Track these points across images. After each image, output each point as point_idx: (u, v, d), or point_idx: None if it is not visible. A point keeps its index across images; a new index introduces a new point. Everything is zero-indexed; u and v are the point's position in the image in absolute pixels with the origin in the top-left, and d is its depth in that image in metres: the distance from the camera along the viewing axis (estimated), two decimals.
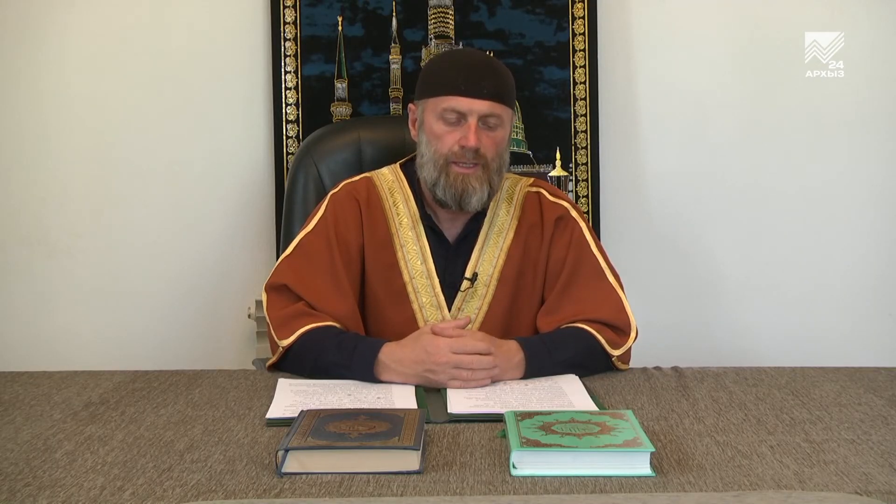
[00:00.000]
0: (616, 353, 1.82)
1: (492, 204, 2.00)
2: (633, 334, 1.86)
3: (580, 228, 1.99)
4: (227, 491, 1.18)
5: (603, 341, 1.81)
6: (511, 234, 1.99)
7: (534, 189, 2.04)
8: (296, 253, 1.94)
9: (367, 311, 1.96)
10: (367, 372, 1.70)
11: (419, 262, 1.96)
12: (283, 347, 1.80)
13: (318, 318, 1.82)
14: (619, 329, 1.85)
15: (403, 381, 1.69)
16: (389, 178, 2.03)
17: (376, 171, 2.07)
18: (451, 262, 1.97)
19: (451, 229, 1.99)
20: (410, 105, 2.01)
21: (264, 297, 1.90)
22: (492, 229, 1.99)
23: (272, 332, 1.84)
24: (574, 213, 2.01)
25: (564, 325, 1.86)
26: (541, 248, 1.98)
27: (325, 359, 1.75)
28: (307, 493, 1.17)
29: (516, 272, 1.97)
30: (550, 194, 2.03)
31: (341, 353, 1.73)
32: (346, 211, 1.97)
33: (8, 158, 2.76)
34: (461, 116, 1.88)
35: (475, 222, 1.99)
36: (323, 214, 1.97)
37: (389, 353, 1.71)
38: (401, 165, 2.05)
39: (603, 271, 1.95)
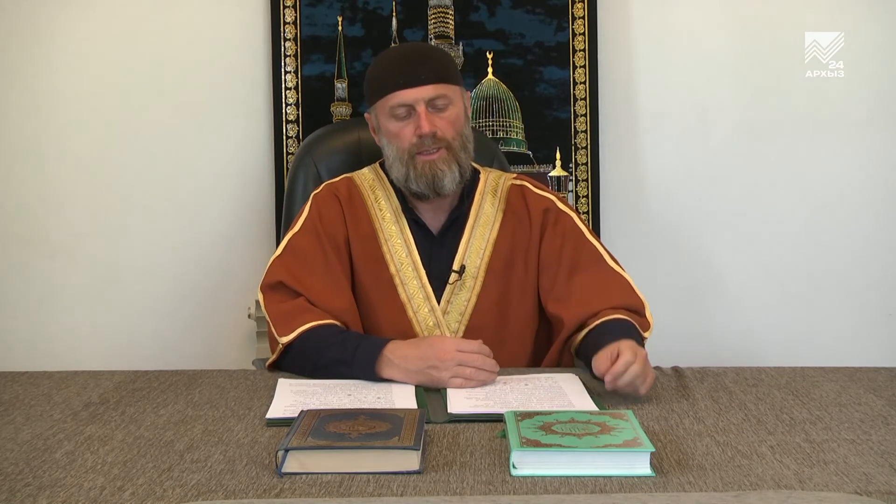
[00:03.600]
0: (647, 334, 1.84)
1: (476, 196, 2.01)
2: (648, 312, 1.88)
3: (571, 219, 2.00)
4: (227, 491, 1.18)
5: (639, 327, 1.82)
6: (497, 226, 2.00)
7: (518, 182, 2.06)
8: (286, 253, 1.95)
9: (359, 304, 1.97)
10: (368, 368, 1.70)
11: (404, 254, 1.97)
12: (283, 345, 1.80)
13: (319, 316, 1.82)
14: (636, 310, 1.87)
15: (404, 378, 1.68)
16: (370, 176, 2.05)
17: (356, 171, 2.09)
18: (437, 253, 1.98)
19: (434, 220, 2.00)
20: (366, 115, 2.04)
21: (261, 297, 1.91)
22: (478, 222, 2.00)
23: (272, 329, 1.85)
24: (561, 205, 2.02)
25: (596, 319, 1.84)
26: (530, 240, 2.00)
27: (326, 356, 1.75)
28: (307, 493, 1.17)
29: (504, 263, 1.98)
30: (534, 187, 2.05)
31: (343, 350, 1.74)
32: (329, 208, 1.99)
33: (8, 158, 2.76)
34: (409, 108, 1.90)
35: (457, 212, 2.00)
36: (308, 214, 1.99)
37: (394, 349, 1.71)
38: (380, 164, 2.07)
39: (602, 256, 1.97)
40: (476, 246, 1.98)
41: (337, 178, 2.07)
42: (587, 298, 1.88)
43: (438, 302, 1.96)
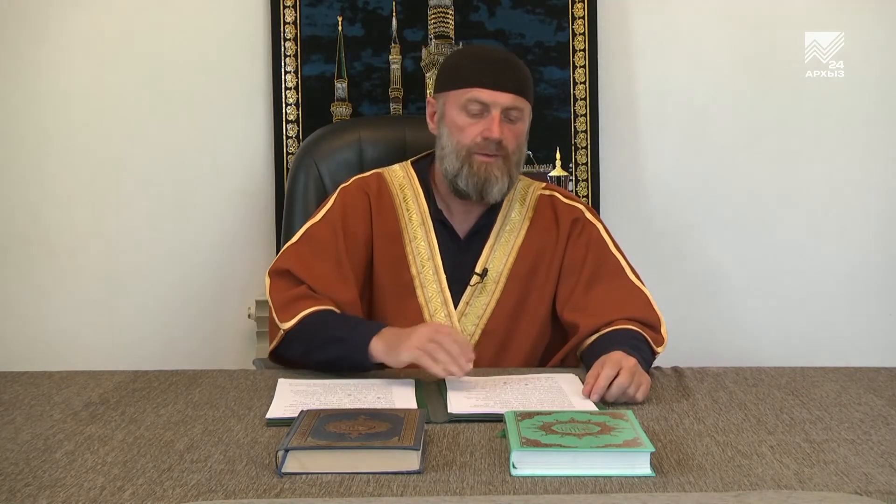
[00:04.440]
0: (660, 349, 1.84)
1: (505, 202, 2.01)
2: (664, 329, 1.88)
3: (598, 230, 2.01)
4: (227, 491, 1.18)
5: (650, 341, 1.82)
6: (523, 233, 2.00)
7: (547, 192, 2.06)
8: (302, 241, 1.96)
9: (374, 304, 1.97)
10: (362, 343, 1.70)
11: (427, 257, 1.97)
12: (283, 331, 1.81)
13: (321, 302, 1.83)
14: (651, 325, 1.86)
15: (384, 350, 1.68)
16: (400, 174, 2.05)
17: (387, 167, 2.08)
18: (461, 257, 1.98)
19: (463, 224, 2.00)
20: (429, 98, 2.02)
21: (267, 282, 1.91)
22: (504, 227, 2.00)
23: (274, 315, 1.85)
24: (589, 216, 2.03)
25: (608, 328, 1.84)
26: (556, 249, 1.99)
27: (322, 335, 1.76)
28: (307, 493, 1.17)
29: (527, 271, 1.98)
30: (564, 197, 2.05)
31: (340, 329, 1.74)
32: (356, 203, 1.98)
33: (8, 158, 2.76)
34: (484, 108, 1.90)
35: (486, 218, 2.00)
36: (332, 206, 1.99)
37: (391, 329, 1.72)
38: (412, 163, 2.07)
39: (623, 269, 1.96)
40: (501, 251, 1.99)
41: (367, 173, 2.06)
42: (603, 309, 1.87)
43: (456, 305, 1.96)
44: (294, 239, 1.97)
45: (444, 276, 1.96)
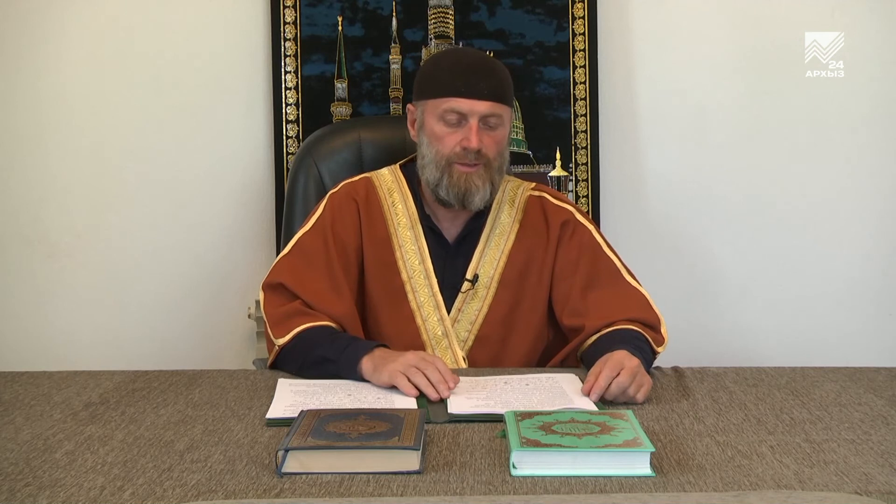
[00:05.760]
0: (660, 349, 1.84)
1: (494, 206, 2.00)
2: (664, 328, 1.87)
3: (589, 232, 1.99)
4: (227, 491, 1.18)
5: (651, 341, 1.82)
6: (513, 237, 1.99)
7: (536, 193, 2.05)
8: (293, 252, 1.95)
9: (366, 310, 1.97)
10: (352, 364, 1.69)
11: (417, 262, 1.96)
12: (279, 346, 1.81)
13: (315, 318, 1.82)
14: (652, 326, 1.86)
15: (370, 371, 1.66)
16: (388, 178, 2.04)
17: (375, 171, 2.07)
18: (451, 262, 1.98)
19: (451, 229, 2.00)
20: (409, 106, 2.01)
21: (261, 296, 1.91)
22: (493, 231, 1.99)
23: (268, 330, 1.85)
24: (580, 217, 2.01)
25: (609, 328, 1.83)
26: (546, 252, 1.98)
27: (315, 353, 1.75)
28: (307, 493, 1.17)
29: (518, 275, 1.97)
30: (554, 198, 2.04)
31: (332, 349, 1.74)
32: (345, 211, 1.98)
33: (8, 158, 2.76)
34: (462, 117, 1.88)
35: (475, 222, 1.99)
36: (321, 214, 1.98)
37: (383, 350, 1.71)
38: (400, 167, 2.06)
39: (620, 271, 1.96)
40: (491, 256, 1.98)
41: (356, 178, 2.05)
42: (604, 311, 1.87)
43: (449, 311, 1.95)
44: (286, 250, 1.96)
45: (435, 282, 1.95)
